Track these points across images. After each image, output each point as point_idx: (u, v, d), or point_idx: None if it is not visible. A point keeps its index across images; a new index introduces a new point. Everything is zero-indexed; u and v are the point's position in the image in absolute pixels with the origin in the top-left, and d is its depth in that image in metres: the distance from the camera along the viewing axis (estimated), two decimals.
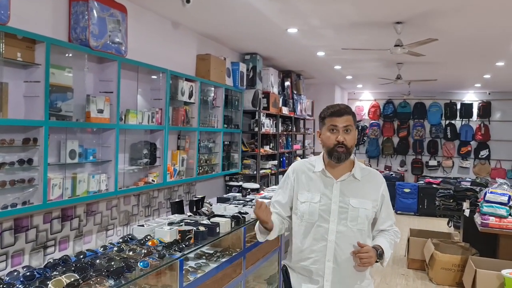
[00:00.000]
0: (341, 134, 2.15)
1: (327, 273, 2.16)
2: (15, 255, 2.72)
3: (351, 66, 7.40)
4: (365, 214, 2.18)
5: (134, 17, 3.69)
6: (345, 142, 2.15)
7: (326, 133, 2.20)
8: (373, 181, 2.28)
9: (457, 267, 5.16)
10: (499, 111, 10.50)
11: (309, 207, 2.21)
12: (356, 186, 2.22)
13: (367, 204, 2.20)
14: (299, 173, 2.30)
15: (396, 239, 2.31)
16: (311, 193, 2.22)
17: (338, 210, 2.17)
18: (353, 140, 2.20)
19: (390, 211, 2.32)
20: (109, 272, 2.51)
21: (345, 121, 2.16)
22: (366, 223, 2.20)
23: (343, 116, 2.17)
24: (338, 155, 2.16)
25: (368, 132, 11.48)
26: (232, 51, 5.89)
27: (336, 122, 2.16)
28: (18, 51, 2.56)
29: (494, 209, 4.88)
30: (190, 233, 3.36)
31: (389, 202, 2.33)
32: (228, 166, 5.41)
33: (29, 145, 2.65)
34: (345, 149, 2.16)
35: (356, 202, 2.18)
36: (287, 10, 4.06)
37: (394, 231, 2.32)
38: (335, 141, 2.15)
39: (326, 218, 2.17)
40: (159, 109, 3.91)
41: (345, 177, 2.22)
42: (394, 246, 2.30)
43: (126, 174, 3.61)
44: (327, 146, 2.19)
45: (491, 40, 5.09)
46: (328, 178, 2.23)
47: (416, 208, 9.91)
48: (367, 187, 2.24)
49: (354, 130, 2.21)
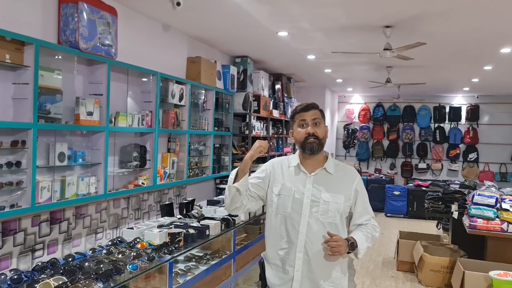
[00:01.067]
0: (311, 126, 2.25)
1: (298, 263, 2.20)
2: (3, 258, 2.70)
3: (341, 70, 7.44)
4: (336, 208, 2.22)
5: (124, 19, 3.68)
6: (316, 133, 2.24)
7: (296, 129, 2.30)
8: (346, 176, 2.33)
9: (446, 269, 5.20)
10: (487, 114, 10.62)
11: (283, 200, 2.26)
12: (329, 180, 2.27)
13: (339, 198, 2.24)
14: (276, 166, 2.37)
15: (374, 233, 2.33)
16: (285, 186, 2.28)
17: (310, 203, 2.22)
18: (324, 132, 2.29)
19: (366, 205, 2.35)
20: (98, 274, 2.50)
21: (312, 115, 2.27)
22: (337, 217, 2.23)
23: (310, 110, 2.28)
24: (310, 146, 2.23)
25: (358, 135, 11.54)
26: (223, 54, 5.90)
27: (304, 117, 2.27)
28: (6, 53, 2.55)
29: (482, 211, 4.93)
30: (179, 235, 3.36)
31: (365, 196, 2.36)
32: (218, 169, 5.41)
33: (18, 147, 2.63)
34: (317, 140, 2.24)
35: (327, 196, 2.23)
36: (277, 13, 4.08)
37: (372, 225, 2.34)
38: (306, 134, 2.24)
39: (298, 210, 2.22)
40: (149, 112, 3.91)
41: (318, 171, 2.28)
42: (373, 240, 2.32)
43: (115, 177, 3.60)
44: (299, 140, 2.28)
45: (479, 44, 5.15)
46: (302, 172, 2.29)
47: (405, 211, 9.98)
48: (340, 182, 2.29)
49: (323, 124, 2.31)
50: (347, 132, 11.65)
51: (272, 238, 2.30)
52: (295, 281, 2.20)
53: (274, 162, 2.41)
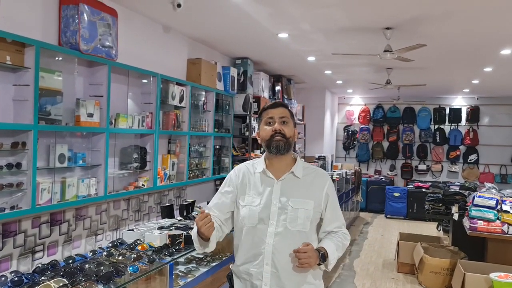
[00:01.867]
0: (278, 124, 2.09)
1: (266, 277, 2.05)
2: (3, 260, 2.69)
3: (341, 71, 7.45)
4: (305, 215, 2.06)
5: (125, 20, 3.68)
6: (283, 131, 2.08)
7: (263, 127, 2.14)
8: (316, 180, 2.16)
9: (446, 271, 5.20)
10: (488, 116, 10.62)
11: (249, 211, 2.10)
12: (297, 185, 2.11)
13: (308, 204, 2.08)
14: (241, 176, 2.20)
15: (345, 241, 2.19)
16: (251, 196, 2.12)
17: (278, 211, 2.06)
18: (291, 131, 2.13)
19: (337, 212, 2.21)
20: (99, 276, 2.50)
21: (281, 113, 2.12)
22: (307, 224, 2.07)
23: (279, 107, 2.14)
24: (276, 144, 2.07)
25: (358, 137, 11.54)
26: (223, 55, 5.90)
27: (272, 114, 2.12)
28: (7, 54, 2.55)
29: (483, 213, 4.93)
30: (180, 237, 3.36)
31: (336, 202, 2.21)
32: (218, 170, 5.40)
33: (18, 149, 2.63)
34: (284, 138, 2.08)
35: (295, 202, 2.06)
36: (277, 15, 4.09)
37: (343, 233, 2.19)
38: (272, 131, 2.08)
39: (266, 220, 2.06)
40: (149, 113, 3.90)
41: (285, 176, 2.12)
42: (343, 249, 2.17)
43: (116, 178, 3.59)
44: (265, 138, 2.11)
45: (479, 46, 5.16)
46: (268, 178, 2.13)
47: (405, 212, 9.99)
48: (309, 186, 2.13)
49: (291, 124, 2.15)
50: (347, 133, 11.66)
51: (240, 250, 2.14)
52: None
53: (238, 170, 2.23)
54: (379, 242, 7.76)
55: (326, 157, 9.17)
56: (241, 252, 2.13)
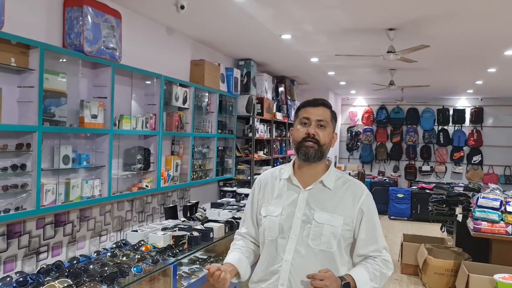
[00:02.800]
0: (313, 126, 1.82)
1: None
2: (8, 261, 2.71)
3: (344, 72, 7.45)
4: (331, 231, 1.77)
5: (129, 22, 3.70)
6: (317, 136, 1.81)
7: (297, 127, 1.87)
8: (349, 192, 1.86)
9: (450, 272, 5.18)
10: (492, 116, 10.59)
11: (269, 222, 1.86)
12: (326, 197, 1.84)
13: (336, 220, 1.79)
14: (263, 184, 1.99)
15: (384, 270, 1.83)
16: (274, 205, 1.88)
17: (301, 225, 1.80)
18: (328, 137, 1.85)
19: (375, 232, 1.86)
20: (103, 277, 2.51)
21: (320, 114, 1.84)
22: (333, 244, 1.78)
23: (319, 107, 1.85)
24: (305, 150, 1.81)
25: (362, 138, 11.53)
26: (226, 56, 5.91)
27: (309, 114, 1.84)
28: (12, 56, 2.56)
29: (487, 214, 4.91)
30: (183, 238, 3.37)
31: (375, 220, 1.87)
32: (222, 172, 5.41)
33: (23, 150, 2.65)
34: (316, 145, 1.80)
35: (321, 216, 1.78)
36: (280, 16, 4.09)
37: (383, 260, 1.85)
38: (305, 134, 1.82)
39: (286, 234, 1.81)
40: (153, 115, 3.92)
41: (313, 186, 1.86)
42: (382, 279, 1.82)
43: (119, 179, 3.61)
44: (296, 140, 1.85)
45: (483, 46, 5.15)
46: (294, 186, 1.88)
47: (409, 213, 9.96)
48: (340, 199, 1.84)
49: (330, 128, 1.87)
50: (350, 134, 11.65)
51: (258, 266, 1.93)
52: None
53: (261, 179, 2.02)
54: None
55: (330, 158, 9.16)
56: (259, 268, 1.92)
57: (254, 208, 2.00)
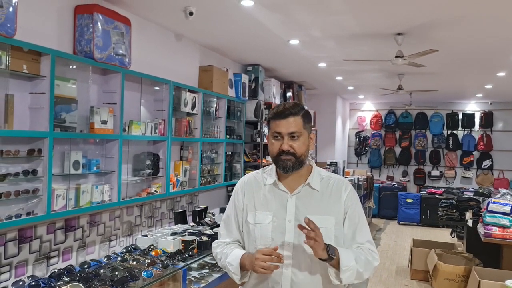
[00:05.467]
0: (286, 141, 1.78)
1: None
2: (19, 265, 2.73)
3: (352, 77, 7.44)
4: (327, 234, 1.74)
5: (138, 29, 3.74)
6: (292, 149, 1.78)
7: (271, 140, 1.84)
8: (335, 191, 1.86)
9: (461, 278, 5.13)
10: (501, 121, 10.50)
11: (261, 230, 1.83)
12: (315, 199, 1.83)
13: (328, 222, 1.79)
14: (248, 189, 1.93)
15: (370, 258, 1.81)
16: (262, 212, 1.84)
17: (294, 230, 1.77)
18: (303, 146, 1.81)
19: (359, 227, 1.87)
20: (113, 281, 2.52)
21: (291, 126, 1.78)
22: None
23: (288, 117, 1.78)
24: (283, 164, 1.79)
25: (370, 143, 11.49)
26: (234, 62, 5.94)
27: (280, 128, 1.78)
28: (24, 63, 2.60)
29: (497, 219, 4.87)
30: (193, 243, 3.38)
31: (358, 213, 1.89)
32: (230, 177, 5.42)
33: (34, 156, 2.68)
34: (293, 157, 1.78)
35: (314, 219, 1.69)
36: (288, 22, 4.11)
37: (367, 249, 1.84)
38: (279, 149, 1.79)
39: (280, 241, 1.79)
40: (162, 120, 3.94)
41: (300, 189, 1.84)
42: (367, 266, 1.79)
43: (129, 184, 3.63)
44: (272, 154, 1.84)
45: (492, 50, 5.12)
46: (281, 191, 1.85)
47: (418, 219, 9.88)
48: (328, 199, 1.84)
49: (305, 135, 1.82)
50: (358, 139, 11.61)
51: (252, 277, 1.86)
52: None
53: (245, 182, 1.96)
54: (392, 248, 7.69)
55: (338, 163, 9.14)
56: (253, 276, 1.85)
57: (239, 214, 1.94)
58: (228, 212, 2.00)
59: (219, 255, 1.95)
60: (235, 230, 1.95)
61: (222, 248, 1.95)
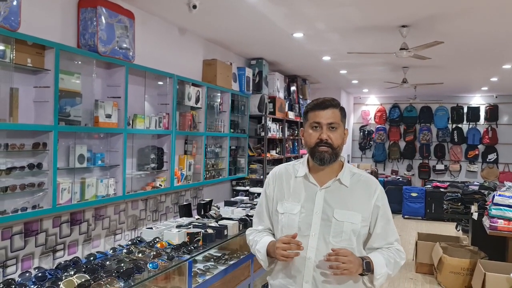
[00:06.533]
0: (325, 131, 1.84)
1: None
2: (25, 258, 2.75)
3: (356, 71, 7.41)
4: (351, 229, 1.84)
5: (142, 23, 3.74)
6: (330, 140, 1.84)
7: (308, 131, 1.90)
8: (364, 189, 1.91)
9: (466, 271, 5.12)
10: (507, 114, 10.44)
11: (288, 220, 1.90)
12: (344, 195, 1.89)
13: (354, 217, 1.85)
14: (278, 180, 2.01)
15: (398, 259, 1.90)
16: (291, 202, 1.92)
17: (320, 223, 1.85)
18: (340, 138, 1.88)
19: (389, 227, 1.93)
20: (119, 273, 2.53)
21: (329, 117, 1.85)
22: (353, 240, 1.85)
23: (328, 109, 1.85)
24: (321, 155, 1.84)
25: (375, 137, 11.46)
26: (238, 56, 5.93)
27: (319, 118, 1.85)
28: (28, 57, 2.61)
29: (503, 212, 4.85)
30: (198, 235, 3.38)
31: (388, 215, 1.94)
32: (234, 171, 5.42)
33: (39, 149, 2.69)
34: (330, 149, 1.84)
35: (341, 214, 1.83)
36: (292, 15, 4.09)
37: (396, 249, 1.91)
38: (317, 139, 1.85)
39: (306, 232, 1.85)
40: (166, 114, 3.95)
41: (330, 183, 1.90)
42: (395, 268, 1.88)
43: (133, 178, 3.64)
44: (309, 145, 1.89)
45: (498, 42, 5.08)
46: (311, 184, 1.92)
47: (423, 212, 9.86)
48: (357, 196, 1.89)
49: (342, 127, 1.89)
50: (363, 133, 11.59)
51: (278, 264, 1.95)
52: None
53: (276, 174, 2.04)
54: None
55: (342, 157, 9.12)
56: (278, 265, 1.95)
57: (269, 203, 2.03)
58: (260, 201, 2.10)
59: (250, 242, 2.06)
60: (266, 218, 2.05)
61: (254, 235, 2.05)
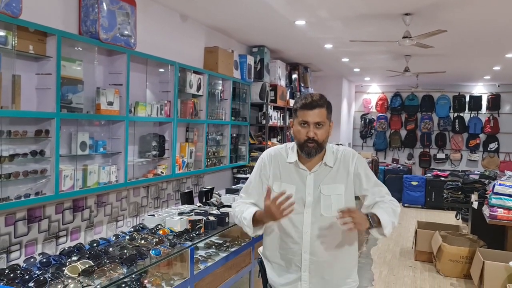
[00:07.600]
0: (312, 129, 2.05)
1: (304, 264, 2.09)
2: (29, 244, 2.78)
3: (358, 59, 7.38)
4: (338, 200, 2.08)
5: (143, 9, 3.71)
6: (316, 137, 2.05)
7: (297, 127, 2.10)
8: (344, 162, 2.15)
9: (465, 259, 5.17)
10: (509, 103, 10.42)
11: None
12: (330, 174, 2.13)
13: (338, 189, 2.10)
14: (274, 160, 2.21)
15: (394, 207, 2.10)
16: (286, 183, 2.13)
17: (312, 201, 2.09)
18: (325, 134, 2.09)
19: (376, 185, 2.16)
20: (123, 259, 2.56)
21: (317, 116, 2.04)
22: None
23: (315, 109, 2.05)
24: (308, 151, 2.07)
25: (376, 125, 11.46)
26: (240, 43, 5.90)
27: (307, 117, 2.05)
28: (30, 43, 2.60)
29: (503, 201, 4.87)
30: (200, 222, 3.41)
31: (370, 175, 2.16)
32: (235, 159, 5.44)
33: (41, 136, 2.69)
34: (316, 144, 2.06)
35: (326, 188, 2.09)
36: (294, 2, 4.06)
37: (389, 200, 2.13)
38: (306, 137, 2.06)
39: (301, 210, 2.09)
40: (167, 102, 3.94)
41: (317, 168, 2.13)
42: (395, 215, 2.08)
43: (135, 166, 3.65)
44: (298, 140, 2.11)
45: (501, 31, 5.05)
46: (301, 170, 2.14)
47: (423, 201, 9.91)
48: (339, 171, 2.14)
49: (327, 124, 2.10)
50: (364, 122, 11.58)
51: (273, 238, 2.18)
52: (303, 281, 2.10)
53: (271, 155, 2.23)
54: (396, 230, 7.72)
55: (343, 145, 9.13)
56: (274, 240, 2.17)
57: (263, 181, 2.20)
58: (251, 178, 2.27)
59: (236, 213, 2.20)
60: (254, 193, 2.22)
61: (241, 207, 2.20)
